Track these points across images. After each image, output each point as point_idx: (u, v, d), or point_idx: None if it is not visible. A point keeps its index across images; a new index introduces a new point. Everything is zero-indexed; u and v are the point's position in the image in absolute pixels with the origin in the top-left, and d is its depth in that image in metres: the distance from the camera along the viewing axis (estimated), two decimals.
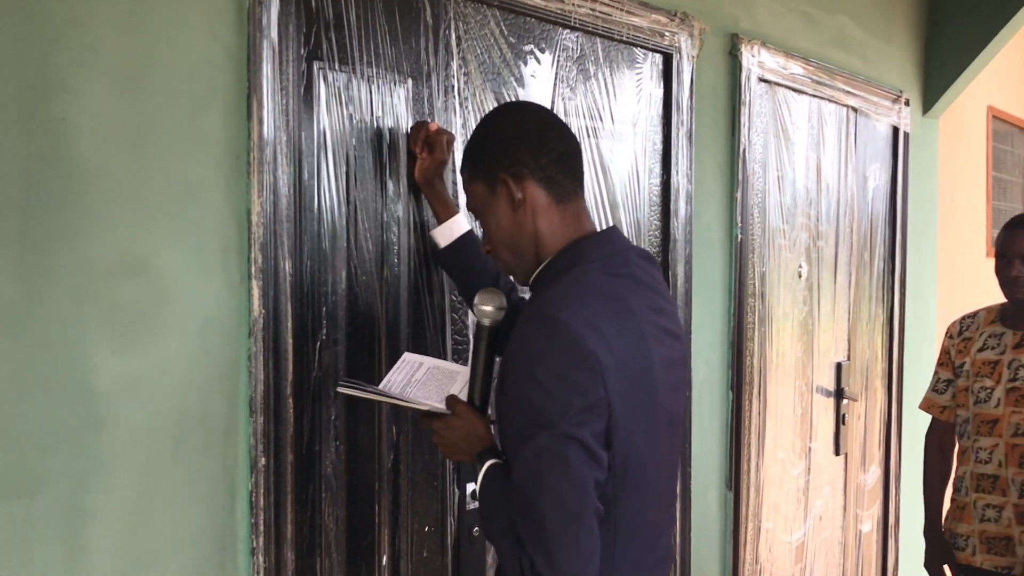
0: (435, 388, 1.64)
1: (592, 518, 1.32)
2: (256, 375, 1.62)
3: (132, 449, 1.48)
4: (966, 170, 4.76)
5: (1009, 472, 2.72)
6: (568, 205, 1.49)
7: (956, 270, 4.65)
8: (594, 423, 1.31)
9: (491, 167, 1.48)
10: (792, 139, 3.14)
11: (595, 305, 1.37)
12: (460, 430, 1.53)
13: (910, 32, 3.97)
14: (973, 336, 2.88)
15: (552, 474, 1.30)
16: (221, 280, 1.59)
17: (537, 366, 1.32)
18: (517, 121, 1.50)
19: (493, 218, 1.50)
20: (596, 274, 1.43)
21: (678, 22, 2.53)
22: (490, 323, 1.56)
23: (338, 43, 1.75)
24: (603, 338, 1.33)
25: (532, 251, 1.49)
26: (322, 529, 1.77)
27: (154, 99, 1.49)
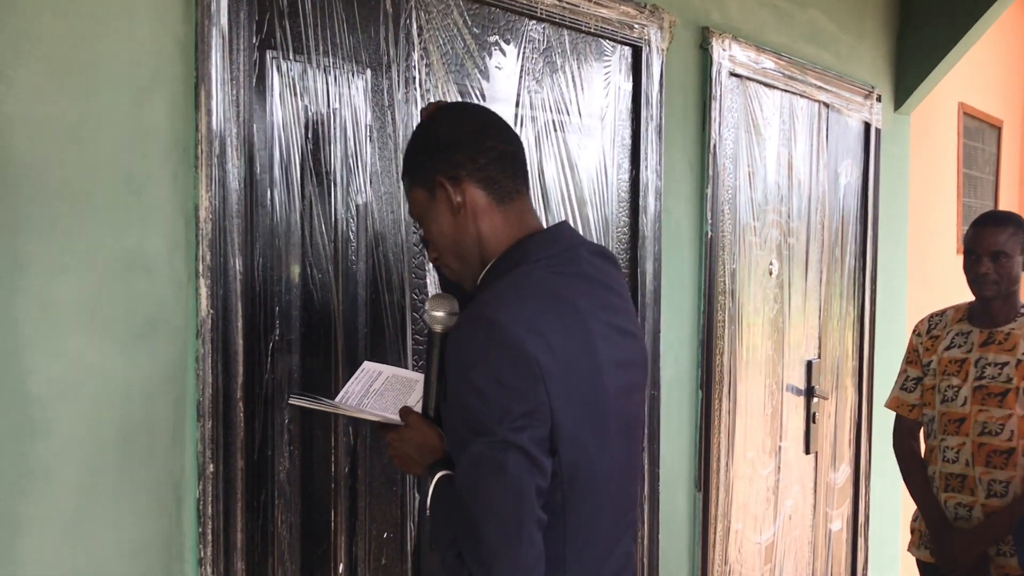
0: (392, 398, 1.57)
1: (533, 528, 1.25)
2: (204, 378, 1.55)
3: (70, 456, 1.41)
4: (937, 167, 4.75)
5: (976, 471, 2.70)
6: (510, 205, 1.43)
7: (926, 267, 4.64)
8: (535, 428, 1.25)
9: (428, 172, 1.42)
10: (763, 134, 3.10)
11: (536, 306, 1.31)
12: (413, 441, 1.47)
13: (882, 27, 3.94)
14: (941, 334, 2.86)
15: (489, 483, 1.24)
16: (167, 279, 1.52)
17: (473, 370, 1.27)
18: (452, 123, 1.45)
19: (435, 224, 1.44)
20: (540, 273, 1.37)
21: (647, 14, 2.47)
22: (442, 329, 1.48)
23: (292, 32, 1.68)
24: (543, 340, 1.27)
25: (476, 255, 1.43)
26: (275, 537, 1.70)
27: (95, 88, 1.42)
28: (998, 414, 2.64)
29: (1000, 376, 2.66)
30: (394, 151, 1.86)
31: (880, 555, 4.12)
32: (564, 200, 2.28)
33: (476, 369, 1.26)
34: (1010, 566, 2.65)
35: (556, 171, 2.26)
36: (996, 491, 2.66)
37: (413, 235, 1.91)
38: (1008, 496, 2.64)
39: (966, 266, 2.72)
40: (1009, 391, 2.64)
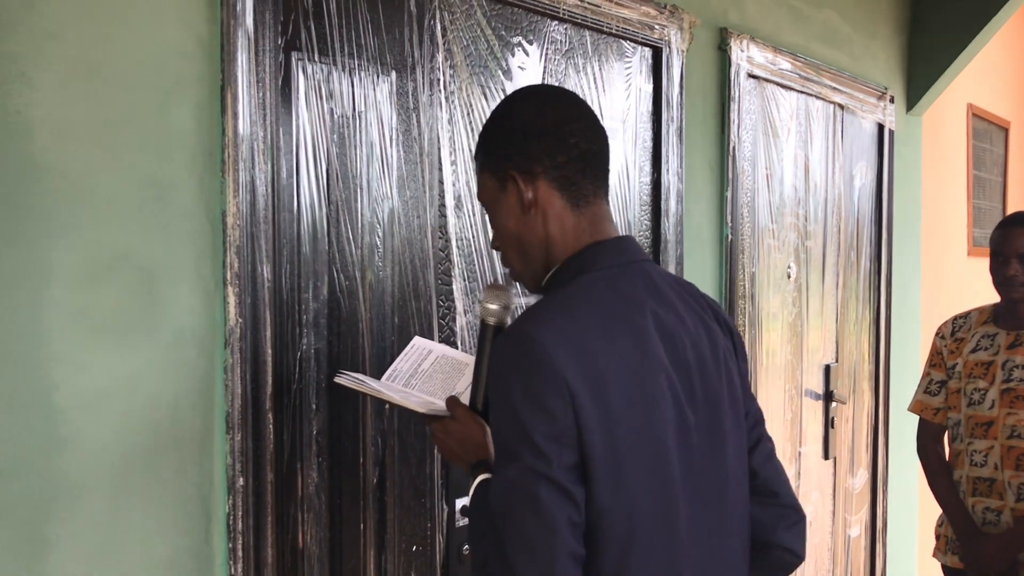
0: (440, 382, 1.51)
1: (568, 563, 1.15)
2: (233, 389, 1.50)
3: (98, 472, 1.36)
4: (947, 168, 4.72)
5: (1005, 475, 2.66)
6: (585, 210, 1.32)
7: (938, 269, 4.61)
8: (563, 454, 1.15)
9: (500, 161, 1.32)
10: (780, 136, 3.06)
11: (586, 321, 1.21)
12: (457, 435, 1.39)
13: (894, 28, 3.91)
14: (965, 337, 2.82)
15: (522, 514, 1.16)
16: (194, 287, 1.47)
17: (503, 387, 1.20)
18: (535, 110, 1.32)
19: (500, 216, 1.35)
20: (600, 287, 1.26)
21: (668, 15, 2.44)
22: (495, 322, 1.41)
23: (317, 33, 1.64)
24: (580, 361, 1.17)
25: (542, 257, 1.33)
26: (304, 552, 1.65)
27: (119, 91, 1.38)
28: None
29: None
30: (419, 155, 1.82)
31: (897, 561, 4.07)
32: None
33: (507, 384, 1.19)
34: None
35: None
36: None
37: (440, 240, 1.87)
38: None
39: (993, 268, 2.69)
40: None
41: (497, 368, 1.22)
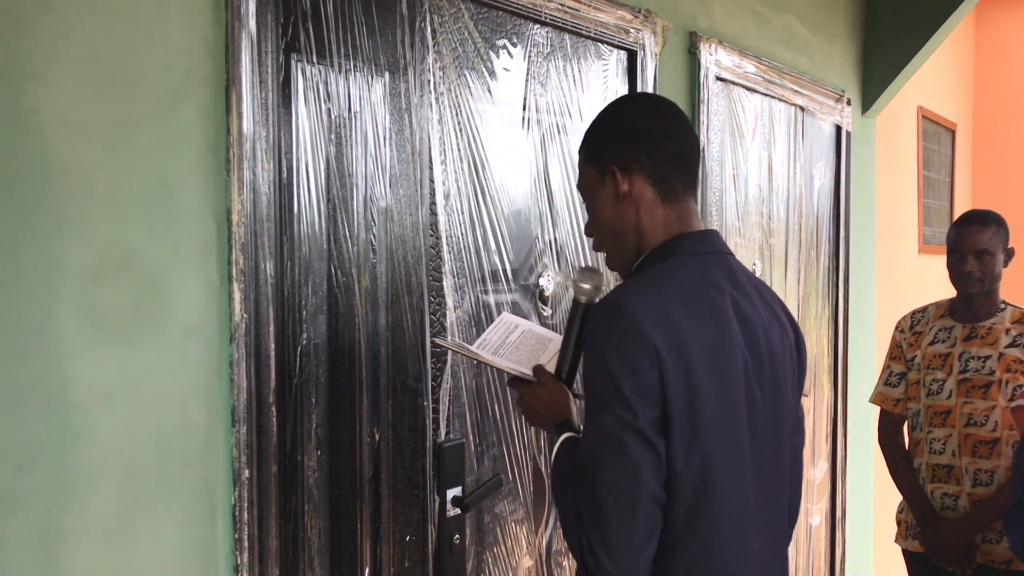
0: (527, 353, 1.66)
1: (649, 504, 1.32)
2: (238, 383, 1.54)
3: (111, 464, 1.39)
4: (899, 168, 4.88)
5: (963, 462, 2.78)
6: (674, 204, 1.48)
7: (892, 266, 4.76)
8: (648, 408, 1.31)
9: (604, 156, 1.49)
10: (746, 137, 3.16)
11: (671, 295, 1.38)
12: (543, 399, 1.56)
13: (850, 33, 4.04)
14: (924, 330, 2.94)
15: (610, 459, 1.32)
16: (200, 283, 1.50)
17: (598, 347, 1.35)
18: (638, 114, 1.52)
19: (597, 205, 1.51)
20: (686, 268, 1.44)
21: (642, 19, 2.51)
22: (586, 300, 1.58)
23: (316, 35, 1.68)
24: (666, 328, 1.33)
25: (632, 243, 1.49)
26: (305, 542, 1.69)
27: (130, 91, 1.40)
28: (982, 406, 2.73)
29: (983, 369, 2.74)
30: (411, 154, 1.87)
31: (856, 548, 4.20)
32: (567, 201, 2.31)
33: (601, 346, 1.35)
34: (995, 552, 2.73)
35: (560, 173, 2.28)
36: (982, 480, 2.74)
37: (430, 238, 1.92)
38: (993, 485, 2.73)
39: (950, 264, 2.80)
40: (992, 383, 2.73)
41: (593, 332, 1.38)
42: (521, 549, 2.21)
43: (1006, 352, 2.74)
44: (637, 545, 1.31)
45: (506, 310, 2.12)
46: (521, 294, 2.18)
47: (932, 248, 5.37)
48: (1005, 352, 2.74)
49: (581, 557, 1.36)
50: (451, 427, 1.99)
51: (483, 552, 2.10)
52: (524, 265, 2.18)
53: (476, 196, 2.03)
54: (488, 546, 2.12)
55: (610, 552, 1.31)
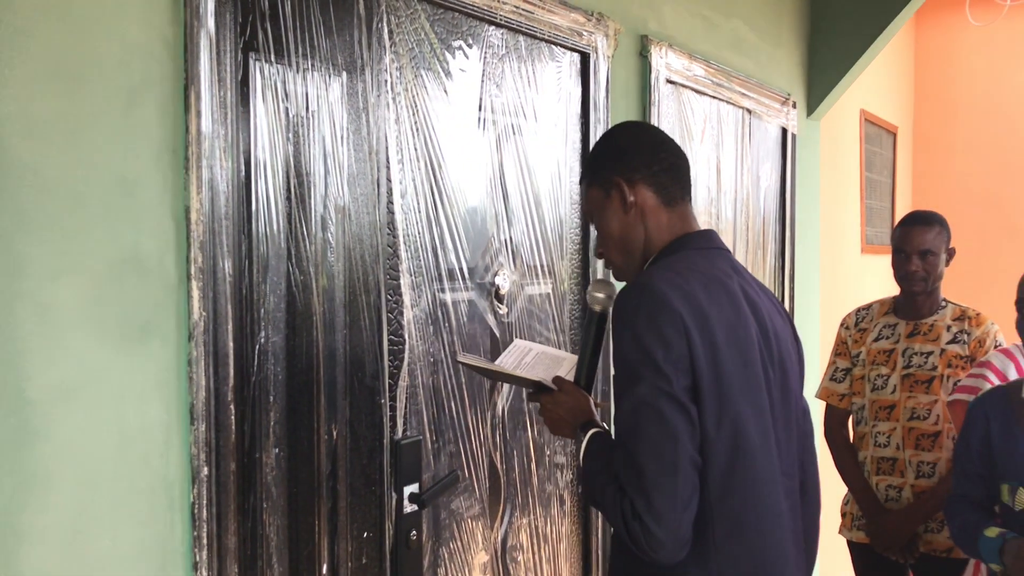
0: (542, 371, 1.74)
1: (688, 466, 1.40)
2: (197, 381, 1.54)
3: (69, 462, 1.38)
4: (843, 170, 4.99)
5: (906, 454, 2.86)
6: (675, 208, 1.64)
7: (835, 265, 4.87)
8: (680, 377, 1.41)
9: (607, 173, 1.64)
10: (695, 139, 3.21)
11: (689, 276, 1.49)
12: (566, 404, 1.66)
13: (796, 37, 4.13)
14: (868, 327, 3.02)
15: (648, 426, 1.40)
16: (159, 282, 1.50)
17: (629, 323, 1.45)
18: (634, 135, 1.68)
19: (606, 220, 1.65)
20: (693, 257, 1.55)
21: (595, 22, 2.55)
22: (600, 309, 1.70)
23: (274, 34, 1.69)
24: (691, 303, 1.44)
25: (640, 250, 1.62)
26: (264, 540, 1.70)
27: (89, 89, 1.40)
28: (925, 400, 2.81)
29: (926, 364, 2.83)
30: (368, 154, 1.88)
31: None
32: (523, 201, 2.34)
33: (632, 322, 1.45)
34: (936, 541, 2.82)
35: (515, 172, 2.31)
36: (924, 472, 2.83)
37: (388, 237, 1.93)
38: (935, 477, 2.82)
39: (895, 263, 2.89)
40: (935, 378, 2.81)
41: (623, 310, 1.48)
42: (477, 544, 2.24)
43: (947, 348, 2.83)
44: (680, 506, 1.39)
45: (463, 308, 2.14)
46: (477, 293, 2.20)
47: (874, 248, 5.51)
48: (946, 348, 2.83)
49: (624, 524, 1.42)
50: (408, 424, 2.01)
51: (440, 548, 2.12)
52: (480, 264, 2.21)
53: (433, 195, 2.05)
54: (445, 542, 2.14)
55: (655, 514, 1.38)
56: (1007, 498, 2.24)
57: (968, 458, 2.36)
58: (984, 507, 2.34)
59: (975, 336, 2.82)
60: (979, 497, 2.35)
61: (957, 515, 2.35)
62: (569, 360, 1.78)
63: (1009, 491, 2.23)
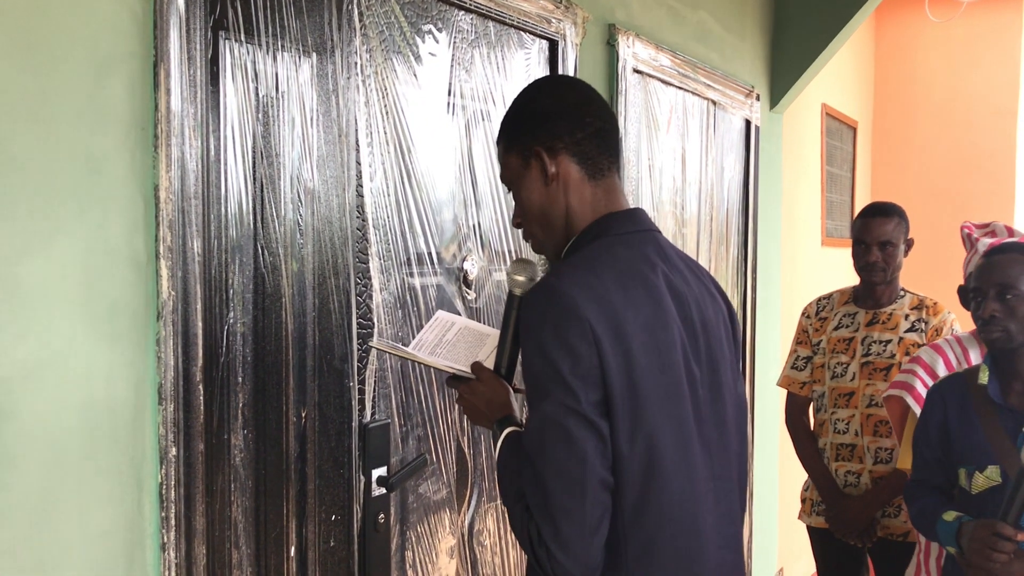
0: (464, 350, 1.63)
1: (597, 488, 1.31)
2: (165, 361, 1.53)
3: (35, 442, 1.37)
4: (804, 163, 5.06)
5: (865, 441, 2.92)
6: (600, 182, 1.49)
7: (795, 257, 4.94)
8: (589, 391, 1.31)
9: (527, 140, 1.48)
10: (661, 129, 3.24)
11: (604, 276, 1.37)
12: (484, 396, 1.54)
13: (760, 31, 4.18)
14: (829, 316, 3.07)
15: (554, 446, 1.31)
16: (127, 260, 1.49)
17: (535, 333, 1.34)
18: (555, 95, 1.51)
19: (525, 191, 1.50)
20: (617, 248, 1.43)
21: (563, 9, 2.56)
22: (520, 292, 1.55)
23: (244, 14, 1.68)
24: (602, 308, 1.33)
25: (562, 226, 1.49)
26: (232, 521, 1.69)
27: (55, 64, 1.38)
28: (883, 387, 2.87)
29: (885, 352, 2.89)
30: (337, 136, 1.88)
31: (762, 525, 4.36)
32: (491, 187, 2.34)
33: (537, 332, 1.34)
34: (894, 526, 2.88)
35: (484, 158, 2.32)
36: (882, 458, 2.88)
37: (357, 220, 1.93)
38: (892, 462, 2.87)
39: (855, 254, 2.94)
40: (893, 366, 2.87)
41: (529, 318, 1.37)
42: (444, 528, 2.25)
43: (905, 336, 2.89)
44: (588, 532, 1.30)
45: (432, 293, 2.15)
46: (446, 277, 2.21)
47: (834, 240, 5.59)
48: (904, 336, 2.89)
49: (532, 550, 1.34)
50: (377, 408, 2.01)
51: (407, 531, 2.13)
52: (449, 249, 2.21)
53: (402, 179, 2.05)
54: (412, 525, 2.14)
55: (561, 542, 1.30)
56: (964, 482, 2.29)
57: (926, 443, 2.40)
58: (943, 491, 2.39)
59: (932, 325, 2.88)
60: (938, 482, 2.40)
61: (916, 499, 2.40)
62: (493, 338, 1.66)
63: (966, 475, 2.28)
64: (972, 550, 2.14)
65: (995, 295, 2.21)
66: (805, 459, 3.06)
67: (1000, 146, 6.20)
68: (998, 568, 2.09)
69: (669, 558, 1.38)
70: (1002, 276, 2.21)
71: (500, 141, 1.55)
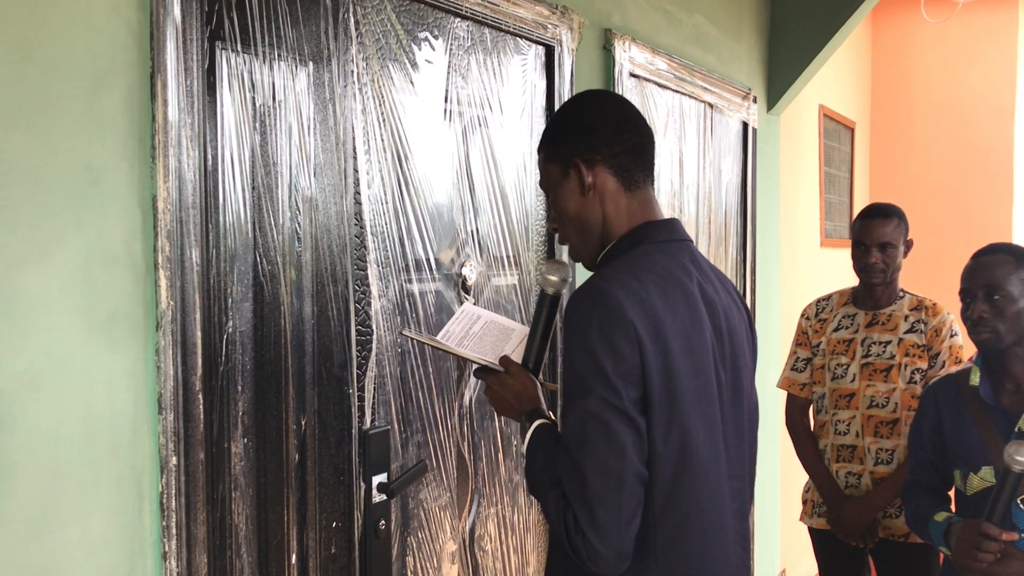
0: (491, 344, 1.68)
1: (634, 481, 1.38)
2: (165, 370, 1.53)
3: (36, 452, 1.37)
4: (802, 165, 5.06)
5: (866, 442, 2.92)
6: (636, 193, 1.56)
7: (795, 258, 4.94)
8: (630, 389, 1.37)
9: (567, 151, 1.55)
10: (658, 133, 3.25)
11: (646, 279, 1.43)
12: (513, 388, 1.61)
13: (756, 33, 4.19)
14: (828, 317, 3.08)
15: (595, 439, 1.37)
16: (126, 270, 1.50)
17: (580, 331, 1.40)
18: (596, 110, 1.57)
19: (562, 199, 1.57)
20: (656, 255, 1.49)
21: (559, 15, 2.57)
22: (553, 292, 1.63)
23: (240, 24, 1.68)
24: (645, 310, 1.39)
25: (598, 234, 1.56)
26: (233, 529, 1.69)
27: (54, 76, 1.39)
28: (884, 388, 2.87)
29: (884, 353, 2.89)
30: (335, 144, 1.88)
31: (763, 527, 4.36)
32: (489, 192, 2.35)
33: (584, 330, 1.40)
34: (895, 527, 2.88)
35: (481, 164, 2.32)
36: (883, 459, 2.89)
37: (355, 227, 1.94)
38: (893, 463, 2.88)
39: (855, 256, 2.94)
40: (893, 367, 2.87)
41: (574, 317, 1.43)
42: (445, 534, 2.25)
43: (905, 337, 2.89)
44: (624, 522, 1.37)
45: (430, 299, 2.15)
46: (444, 283, 2.21)
47: (833, 241, 5.59)
48: (904, 337, 2.89)
49: (567, 536, 1.40)
50: (376, 414, 2.01)
51: (408, 537, 2.13)
52: (447, 255, 2.22)
53: (400, 186, 2.06)
54: (413, 531, 2.15)
55: (598, 529, 1.36)
56: (960, 484, 2.29)
57: (921, 445, 2.41)
58: (937, 492, 2.40)
59: (932, 326, 2.88)
60: (933, 483, 2.40)
61: (911, 500, 2.40)
62: (519, 332, 1.72)
63: (961, 477, 2.28)
64: (958, 550, 2.14)
65: (983, 296, 2.22)
66: (806, 460, 3.06)
67: (998, 145, 6.20)
68: (985, 568, 2.10)
69: (695, 549, 1.46)
70: (990, 277, 2.22)
71: (541, 150, 1.62)
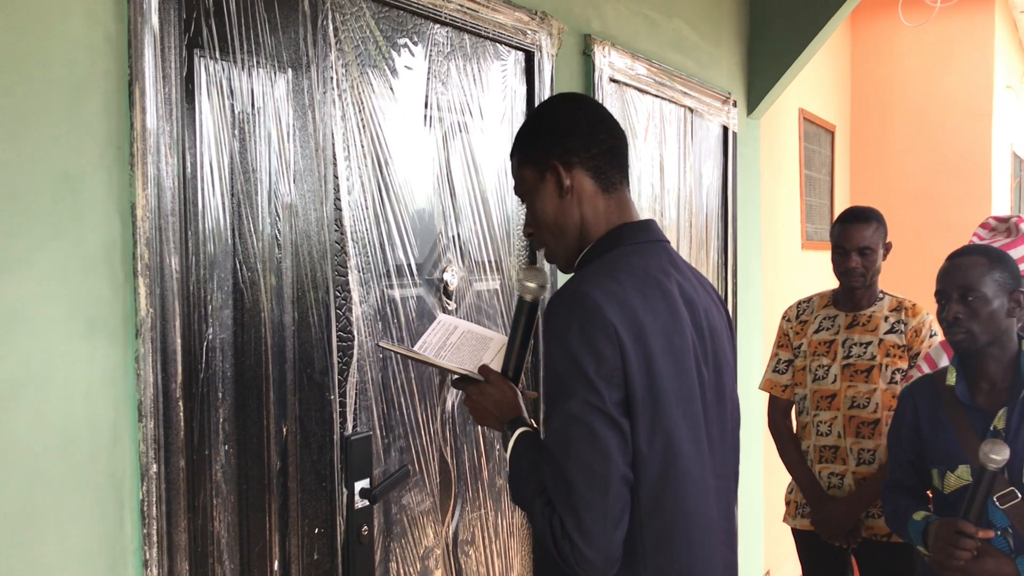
0: (469, 353, 1.68)
1: (619, 483, 1.37)
2: (144, 378, 1.53)
3: (15, 460, 1.37)
4: (782, 168, 5.10)
5: (847, 442, 2.94)
6: (612, 194, 1.56)
7: (776, 261, 4.97)
8: (612, 391, 1.37)
9: (543, 154, 1.55)
10: (639, 137, 3.26)
11: (625, 281, 1.43)
12: (493, 397, 1.60)
13: (736, 37, 4.21)
14: (809, 319, 3.10)
15: (579, 442, 1.36)
16: (105, 278, 1.50)
17: (560, 335, 1.39)
18: (570, 112, 1.57)
19: (539, 203, 1.57)
20: (633, 257, 1.50)
21: (538, 21, 2.58)
22: (531, 299, 1.62)
23: (218, 31, 1.69)
24: (625, 312, 1.39)
25: (576, 237, 1.56)
26: (214, 537, 1.69)
27: (31, 84, 1.39)
28: (865, 389, 2.89)
29: (865, 354, 2.91)
30: (314, 150, 1.89)
31: (747, 528, 4.38)
32: (470, 197, 2.36)
33: (564, 334, 1.39)
34: (877, 527, 2.90)
35: (462, 169, 2.33)
36: (865, 459, 2.91)
37: (335, 233, 1.94)
38: (875, 464, 2.90)
39: (835, 260, 2.97)
40: (873, 367, 2.90)
41: (554, 322, 1.42)
42: (428, 539, 2.25)
43: (885, 338, 2.92)
44: (611, 525, 1.37)
45: (412, 304, 2.16)
46: (426, 289, 2.22)
47: (814, 244, 5.63)
48: (884, 338, 2.92)
49: (554, 542, 1.40)
50: (358, 420, 2.02)
51: (391, 543, 2.13)
52: (428, 260, 2.23)
53: (380, 192, 2.06)
54: (396, 537, 2.15)
55: (585, 534, 1.36)
56: (937, 483, 2.32)
57: (899, 445, 2.43)
58: (916, 492, 2.42)
59: (911, 326, 2.91)
60: (911, 482, 2.42)
61: (890, 500, 2.42)
62: (497, 340, 1.71)
63: (938, 476, 2.31)
64: (936, 548, 2.16)
65: (957, 298, 2.24)
66: (789, 462, 3.08)
67: (975, 148, 6.26)
68: (962, 565, 2.12)
69: (682, 550, 1.45)
70: (964, 278, 2.24)
71: (514, 155, 1.62)
